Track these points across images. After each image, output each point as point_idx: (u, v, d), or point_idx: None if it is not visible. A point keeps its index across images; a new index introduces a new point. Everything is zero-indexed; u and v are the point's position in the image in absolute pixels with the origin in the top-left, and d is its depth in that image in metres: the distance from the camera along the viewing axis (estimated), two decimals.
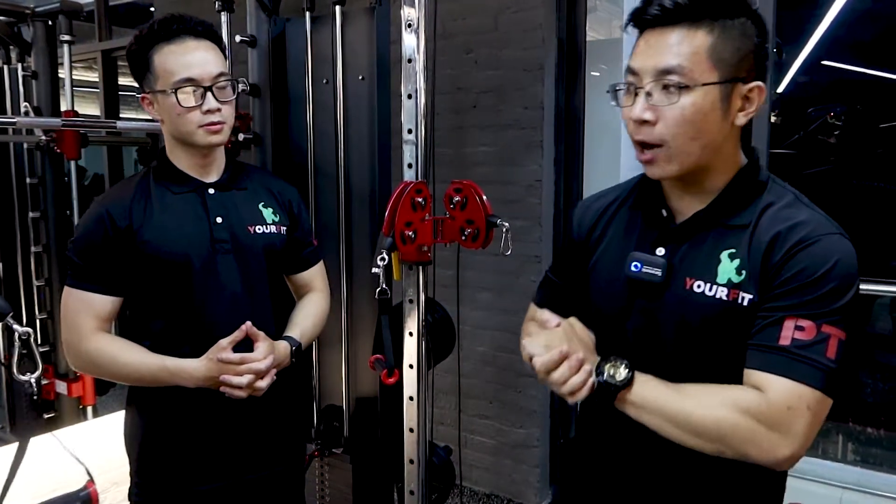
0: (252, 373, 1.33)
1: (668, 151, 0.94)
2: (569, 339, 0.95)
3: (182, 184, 1.41)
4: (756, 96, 0.95)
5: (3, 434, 3.32)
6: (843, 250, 0.91)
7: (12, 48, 3.09)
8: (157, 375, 1.33)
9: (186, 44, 1.34)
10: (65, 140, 2.65)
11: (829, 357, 0.87)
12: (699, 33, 0.91)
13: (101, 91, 4.49)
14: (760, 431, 0.86)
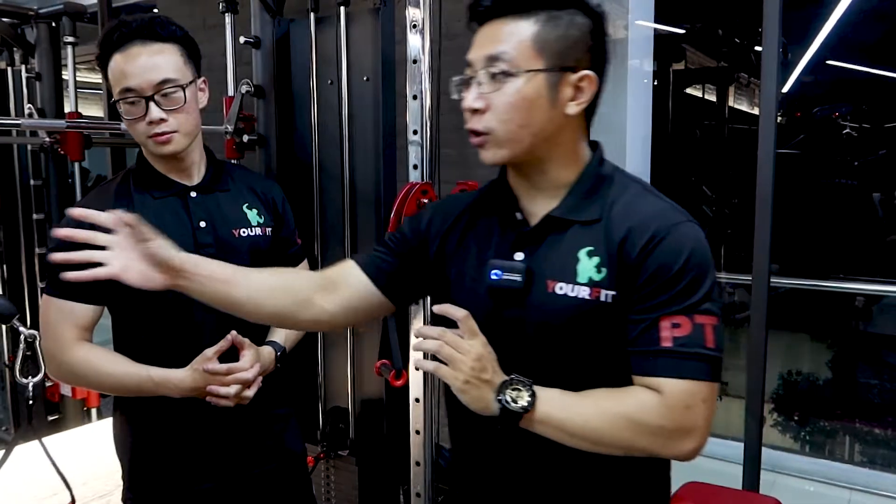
0: (239, 382, 1.30)
1: (496, 137, 0.95)
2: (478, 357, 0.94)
3: (163, 188, 1.37)
4: (587, 86, 0.95)
5: (6, 436, 3.32)
6: (693, 237, 0.93)
7: (16, 50, 3.09)
8: (142, 386, 1.30)
9: (129, 51, 1.27)
10: (69, 142, 2.64)
11: (710, 346, 0.89)
12: (526, 23, 0.93)
13: (105, 92, 4.50)
14: (665, 435, 0.89)
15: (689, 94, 4.45)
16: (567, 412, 0.92)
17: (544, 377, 0.95)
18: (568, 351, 0.97)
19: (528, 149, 0.96)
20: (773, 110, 2.10)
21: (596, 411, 0.91)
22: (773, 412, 3.47)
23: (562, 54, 0.93)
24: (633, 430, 0.90)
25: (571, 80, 0.94)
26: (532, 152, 0.97)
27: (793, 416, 3.51)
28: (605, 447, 0.92)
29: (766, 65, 2.13)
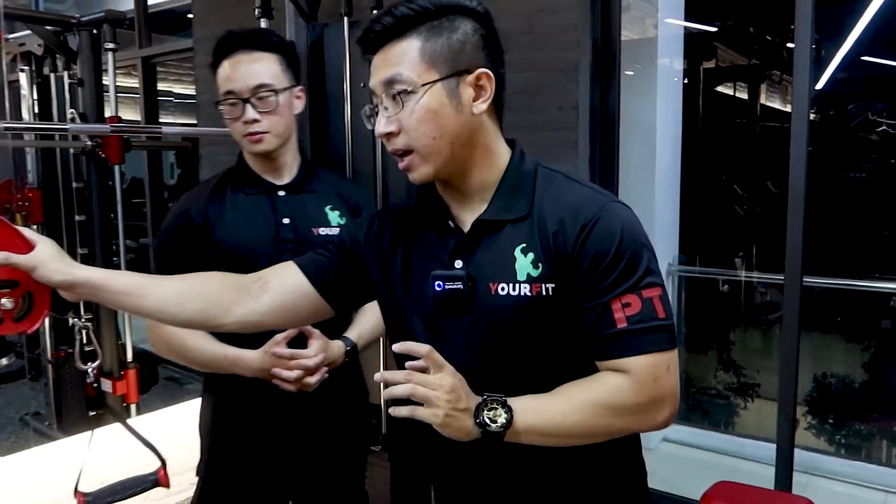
0: (301, 368, 1.37)
1: (418, 155, 0.98)
2: None
3: (254, 186, 1.49)
4: (487, 82, 0.98)
5: (49, 430, 3.43)
6: (621, 217, 0.96)
7: (59, 57, 3.19)
8: (220, 363, 1.42)
9: (234, 58, 1.42)
10: (110, 145, 2.72)
11: (661, 316, 0.93)
12: (410, 41, 0.96)
13: (142, 96, 4.61)
14: (641, 410, 0.93)
15: (721, 92, 4.42)
16: (545, 416, 0.93)
17: (507, 376, 0.98)
18: (524, 346, 0.99)
19: (448, 158, 0.98)
20: (806, 108, 2.09)
21: (571, 407, 0.93)
22: (808, 414, 3.43)
23: (452, 60, 0.96)
24: (611, 415, 0.93)
25: (469, 81, 0.97)
26: (454, 161, 0.99)
27: (827, 419, 3.47)
28: (590, 438, 0.96)
29: (798, 62, 2.12)
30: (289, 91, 1.45)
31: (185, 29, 4.42)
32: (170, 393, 4.00)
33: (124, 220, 2.96)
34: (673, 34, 3.23)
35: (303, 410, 1.48)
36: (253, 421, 1.49)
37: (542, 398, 0.95)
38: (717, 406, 3.67)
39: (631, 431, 0.97)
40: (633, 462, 1.10)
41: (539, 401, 0.95)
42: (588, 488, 1.04)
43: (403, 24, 0.96)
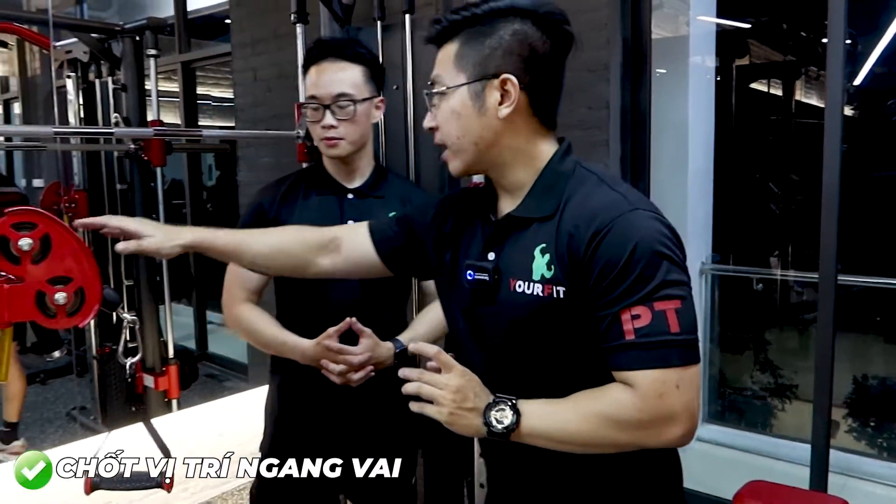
0: (346, 363, 1.44)
1: (450, 150, 1.05)
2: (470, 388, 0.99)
3: (326, 187, 1.58)
4: (511, 88, 0.99)
5: (94, 424, 3.54)
6: (638, 226, 0.93)
7: (103, 63, 3.30)
8: (279, 347, 1.54)
9: (322, 65, 1.53)
10: (152, 148, 2.81)
11: (674, 331, 0.89)
12: (451, 46, 1.03)
13: (182, 100, 4.73)
14: (645, 426, 0.90)
15: (755, 90, 4.36)
16: (549, 421, 0.95)
17: (524, 371, 1.02)
18: (538, 344, 1.01)
19: (475, 157, 1.03)
20: (839, 105, 2.07)
21: (575, 415, 0.94)
22: (847, 417, 3.37)
23: (480, 65, 1.00)
24: (612, 427, 0.92)
25: (495, 86, 1.00)
26: (482, 160, 1.04)
27: (868, 421, 3.41)
28: (593, 447, 0.95)
29: (831, 58, 2.10)
30: (368, 101, 1.54)
31: (223, 34, 4.52)
32: (210, 389, 4.10)
33: (167, 221, 3.05)
34: (705, 32, 3.21)
35: (357, 403, 1.55)
36: (313, 405, 1.58)
37: (552, 403, 0.96)
38: (751, 406, 3.64)
39: (639, 446, 0.94)
40: (668, 463, 1.10)
41: (548, 406, 0.96)
42: (622, 487, 1.05)
43: (450, 30, 1.03)
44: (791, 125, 4.17)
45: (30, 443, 3.34)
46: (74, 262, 0.97)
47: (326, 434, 1.58)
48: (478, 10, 1.01)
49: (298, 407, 1.61)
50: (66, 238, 0.96)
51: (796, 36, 4.09)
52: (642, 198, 0.99)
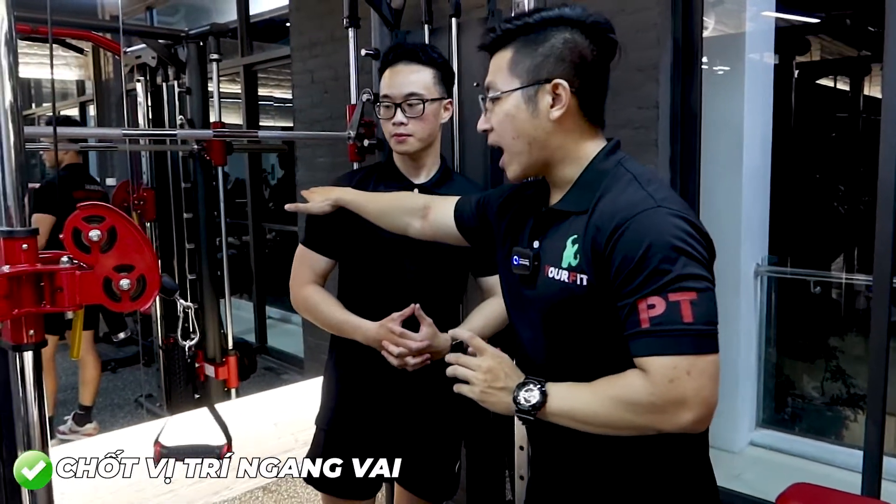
0: (405, 347, 1.51)
1: (507, 154, 1.13)
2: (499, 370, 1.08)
3: (395, 181, 1.68)
4: (562, 92, 1.06)
5: (160, 410, 3.73)
6: (656, 223, 0.97)
7: (170, 67, 3.46)
8: (342, 327, 1.61)
9: (396, 67, 1.62)
10: (213, 148, 2.94)
11: (687, 321, 0.93)
12: (505, 52, 1.10)
13: (244, 102, 4.90)
14: (657, 410, 0.94)
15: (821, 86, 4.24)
16: (571, 402, 1.01)
17: (556, 352, 1.10)
18: (558, 328, 1.09)
19: (529, 158, 1.11)
20: None
21: (594, 398, 1.00)
22: None
23: (532, 71, 1.07)
24: (627, 410, 0.96)
25: (547, 90, 1.06)
26: (537, 161, 1.11)
27: None
28: (610, 429, 1.00)
29: (889, 51, 2.05)
30: (437, 102, 1.62)
31: (284, 37, 4.66)
32: (267, 381, 4.24)
33: (229, 218, 3.19)
34: (763, 28, 3.15)
35: (408, 387, 1.63)
36: (368, 384, 1.67)
37: (576, 386, 1.03)
38: (809, 412, 3.55)
39: (653, 430, 0.97)
40: (696, 461, 1.13)
41: (571, 388, 1.03)
42: (654, 480, 1.09)
43: (505, 38, 1.10)
44: (859, 122, 4.04)
45: (101, 426, 3.54)
46: (137, 252, 1.06)
47: (378, 412, 1.66)
48: (530, 20, 1.08)
49: (355, 384, 1.69)
50: (129, 231, 1.05)
51: (864, 30, 3.96)
52: (672, 197, 1.02)
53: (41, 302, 1.03)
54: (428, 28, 2.06)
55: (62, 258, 1.03)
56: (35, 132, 2.63)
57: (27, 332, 1.04)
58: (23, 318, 1.02)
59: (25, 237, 1.02)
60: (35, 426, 1.09)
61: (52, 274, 1.02)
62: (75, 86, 7.66)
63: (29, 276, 1.02)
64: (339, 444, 1.67)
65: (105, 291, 1.04)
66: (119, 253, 1.04)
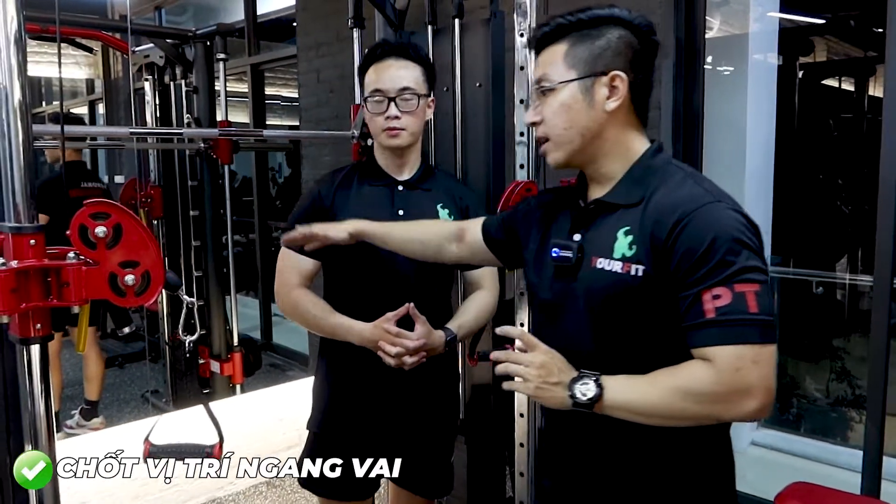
0: (402, 347, 1.52)
1: (552, 143, 1.15)
2: None
3: (378, 178, 1.68)
4: (620, 84, 1.09)
5: (165, 406, 3.76)
6: (718, 217, 0.99)
7: (178, 67, 3.49)
8: (335, 330, 1.60)
9: (385, 62, 1.63)
10: (220, 147, 2.97)
11: (753, 311, 0.94)
12: (559, 46, 1.13)
13: (250, 101, 4.93)
14: (722, 399, 0.95)
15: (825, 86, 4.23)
16: (629, 394, 1.02)
17: (608, 341, 1.09)
18: (606, 318, 1.09)
19: (579, 148, 1.13)
20: None
21: (654, 389, 1.01)
22: None
23: (590, 63, 1.10)
24: (690, 400, 0.97)
25: (604, 82, 1.09)
26: (584, 151, 1.14)
27: None
28: (672, 420, 1.01)
29: (890, 51, 2.06)
30: (426, 98, 1.65)
31: (290, 36, 4.69)
32: (272, 378, 4.27)
33: (236, 216, 3.21)
34: (766, 29, 3.15)
35: (402, 386, 1.63)
36: (360, 385, 1.66)
37: (633, 378, 1.03)
38: (811, 412, 3.55)
39: (715, 419, 0.99)
40: (720, 456, 1.15)
41: (629, 380, 1.03)
42: (673, 478, 1.11)
43: (558, 32, 1.13)
44: (863, 123, 4.03)
45: (108, 420, 3.58)
46: (142, 248, 1.08)
47: (370, 412, 1.66)
48: (583, 16, 1.12)
49: (346, 386, 1.68)
50: (135, 227, 1.08)
51: (868, 31, 3.95)
52: (726, 194, 1.05)
53: (48, 296, 1.06)
54: (431, 29, 2.08)
55: (69, 254, 1.06)
56: (44, 130, 2.66)
57: (34, 326, 1.06)
58: (30, 312, 1.05)
59: (33, 233, 1.05)
60: (42, 419, 1.11)
61: (59, 269, 1.05)
62: (85, 84, 7.71)
63: (36, 271, 1.04)
64: (331, 446, 1.66)
65: (110, 286, 1.07)
66: (124, 249, 1.07)
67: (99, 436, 2.89)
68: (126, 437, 2.73)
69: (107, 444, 2.67)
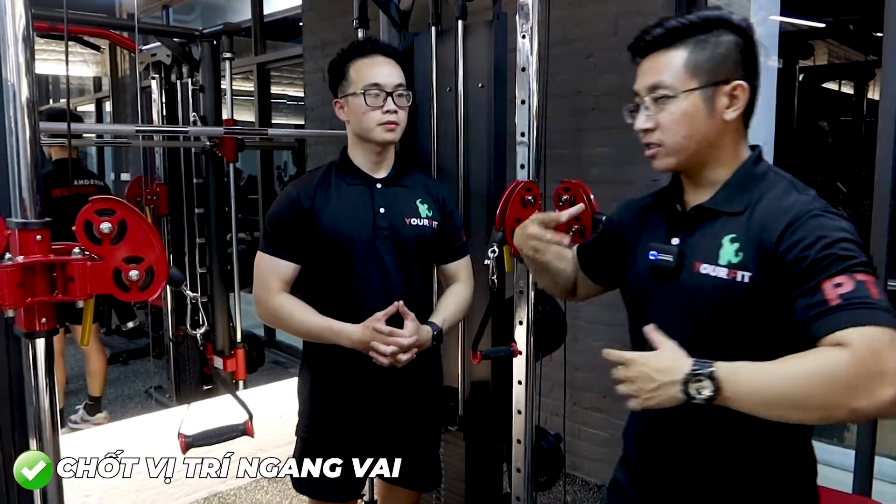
0: (396, 346, 1.53)
1: (666, 149, 1.13)
2: None
3: (356, 177, 1.67)
4: (741, 93, 1.08)
5: (169, 402, 3.80)
6: (829, 221, 0.99)
7: (184, 65, 3.52)
8: (322, 334, 1.59)
9: (376, 58, 1.63)
10: (225, 145, 3.00)
11: (876, 297, 0.91)
12: (677, 52, 1.09)
13: (256, 100, 4.95)
14: (860, 385, 0.87)
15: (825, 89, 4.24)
16: (752, 384, 0.95)
17: (705, 347, 1.03)
18: (708, 323, 1.08)
19: (692, 155, 1.12)
20: (894, 104, 2.04)
21: (781, 375, 0.93)
22: None
23: (712, 71, 1.08)
24: (823, 385, 0.90)
25: (725, 91, 1.08)
26: (696, 157, 1.12)
27: None
28: (802, 410, 0.93)
29: (887, 56, 2.07)
30: (411, 94, 1.67)
31: (296, 36, 4.71)
32: (275, 375, 4.28)
33: (241, 214, 3.24)
34: (768, 32, 3.15)
35: (389, 385, 1.64)
36: (346, 391, 1.66)
37: (754, 366, 0.96)
38: None
39: (848, 410, 0.89)
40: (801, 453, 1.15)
41: (749, 368, 0.96)
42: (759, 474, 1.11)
43: (672, 36, 1.10)
44: (862, 126, 4.04)
45: (112, 416, 3.60)
46: (146, 244, 1.11)
47: (357, 412, 1.66)
48: (695, 19, 1.09)
49: (335, 393, 1.67)
50: (139, 224, 1.10)
51: (866, 36, 3.96)
52: (827, 204, 1.04)
53: (53, 291, 1.09)
54: (435, 30, 2.09)
55: (74, 249, 1.09)
56: (51, 127, 2.70)
57: (39, 320, 1.09)
58: (35, 306, 1.08)
59: (39, 228, 1.08)
60: (45, 413, 1.14)
61: (65, 264, 1.08)
62: (92, 82, 7.76)
63: (42, 266, 1.07)
64: (321, 449, 1.66)
65: (115, 282, 1.09)
66: (129, 245, 1.10)
67: (103, 430, 2.93)
68: (130, 432, 2.77)
69: (111, 439, 2.72)
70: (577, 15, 2.78)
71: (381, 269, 1.61)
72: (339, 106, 1.68)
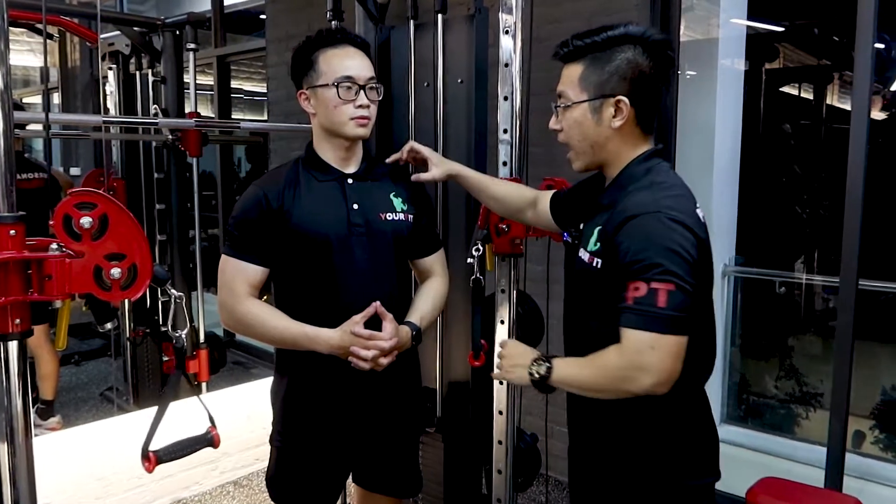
0: (377, 349, 1.47)
1: (573, 152, 1.33)
2: None
3: (326, 173, 1.59)
4: (623, 107, 1.24)
5: (126, 405, 3.66)
6: (654, 225, 1.13)
7: (144, 56, 3.40)
8: (297, 340, 1.50)
9: (347, 49, 1.57)
10: (189, 139, 2.90)
11: (661, 306, 1.09)
12: (577, 67, 1.27)
13: (216, 93, 4.83)
14: (623, 373, 1.12)
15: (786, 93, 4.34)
16: (568, 372, 1.23)
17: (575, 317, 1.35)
18: (583, 301, 1.32)
19: (591, 156, 1.31)
20: (866, 110, 2.09)
21: (583, 366, 1.21)
22: (875, 428, 3.35)
23: (600, 86, 1.24)
24: (603, 374, 1.16)
25: (611, 103, 1.24)
26: (596, 159, 1.31)
27: None
28: (597, 392, 1.21)
29: (859, 61, 2.12)
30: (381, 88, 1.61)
31: (257, 29, 4.61)
32: (236, 376, 4.19)
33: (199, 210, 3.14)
34: (735, 35, 3.22)
35: (367, 390, 1.58)
36: (322, 398, 1.59)
37: (574, 359, 1.25)
38: (771, 409, 3.64)
39: (624, 392, 1.13)
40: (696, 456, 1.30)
41: (570, 360, 1.26)
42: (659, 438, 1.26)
43: (576, 53, 1.27)
44: (821, 129, 4.16)
45: (65, 420, 3.46)
46: (129, 240, 1.04)
47: (338, 422, 1.60)
48: (598, 38, 1.24)
49: (310, 401, 1.60)
50: (122, 218, 1.04)
51: (829, 40, 4.07)
52: (677, 206, 1.16)
53: (28, 290, 1.01)
54: (413, 23, 2.05)
55: (51, 245, 1.02)
56: (26, 118, 2.61)
57: (13, 321, 1.02)
58: (9, 306, 1.01)
59: (13, 223, 1.00)
60: (19, 416, 1.07)
61: (41, 261, 1.01)
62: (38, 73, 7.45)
63: (16, 263, 1.00)
64: (297, 458, 1.61)
65: (95, 280, 1.03)
66: (111, 241, 1.03)
67: (58, 436, 2.80)
68: (86, 436, 2.65)
69: (67, 444, 2.60)
70: (552, 13, 2.77)
71: (357, 266, 1.55)
72: (305, 98, 1.60)
